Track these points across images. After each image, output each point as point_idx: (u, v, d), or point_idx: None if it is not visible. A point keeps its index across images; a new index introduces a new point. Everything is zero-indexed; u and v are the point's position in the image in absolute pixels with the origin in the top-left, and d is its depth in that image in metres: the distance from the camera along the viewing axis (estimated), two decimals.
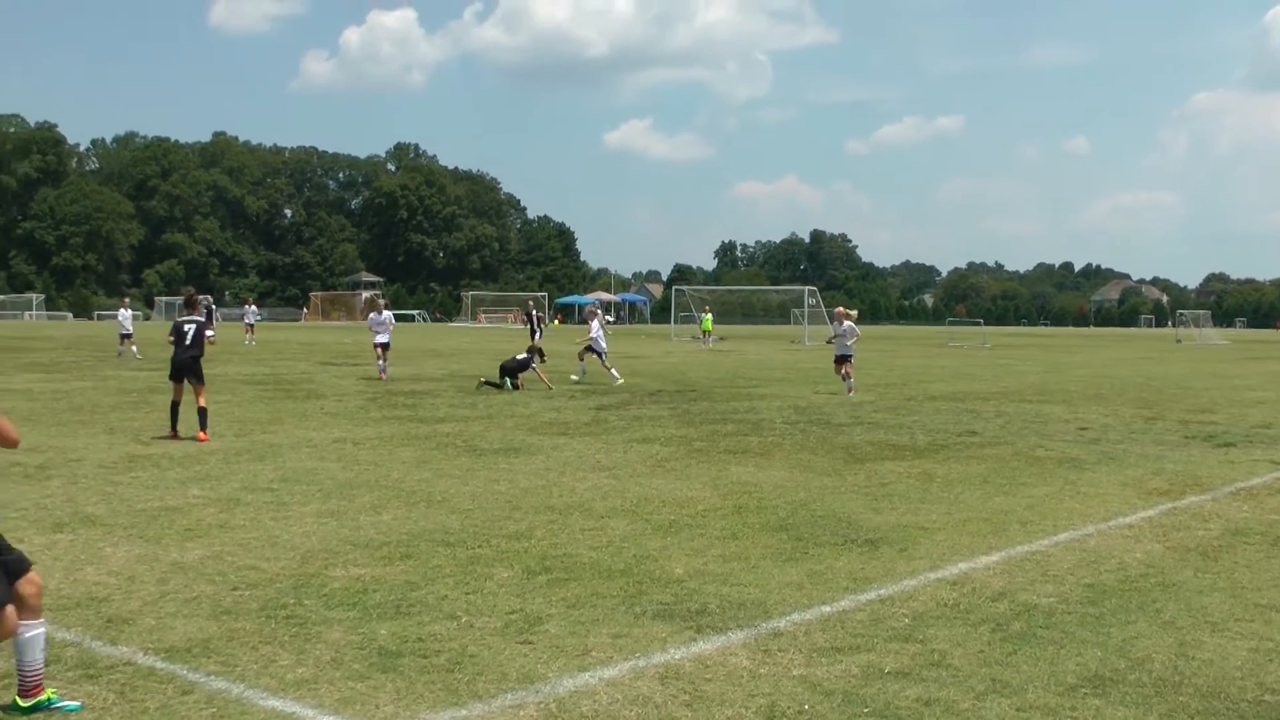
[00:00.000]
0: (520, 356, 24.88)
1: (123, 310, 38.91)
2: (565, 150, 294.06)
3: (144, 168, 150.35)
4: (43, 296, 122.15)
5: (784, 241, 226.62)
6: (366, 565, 8.13)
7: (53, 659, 5.99)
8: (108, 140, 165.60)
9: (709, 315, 62.96)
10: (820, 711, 5.44)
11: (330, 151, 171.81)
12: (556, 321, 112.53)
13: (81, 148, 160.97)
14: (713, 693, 5.67)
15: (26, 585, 5.34)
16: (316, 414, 18.67)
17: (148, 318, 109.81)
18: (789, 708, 5.48)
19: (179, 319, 16.18)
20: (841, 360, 24.15)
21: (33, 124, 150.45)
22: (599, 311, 31.66)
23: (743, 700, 5.57)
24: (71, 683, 5.67)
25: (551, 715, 5.37)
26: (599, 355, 27.88)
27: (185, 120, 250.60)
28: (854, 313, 24.91)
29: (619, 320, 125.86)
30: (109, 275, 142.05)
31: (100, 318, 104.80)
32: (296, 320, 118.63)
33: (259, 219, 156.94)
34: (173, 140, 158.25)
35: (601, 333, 28.34)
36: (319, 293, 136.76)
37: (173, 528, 9.34)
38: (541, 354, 25.84)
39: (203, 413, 15.49)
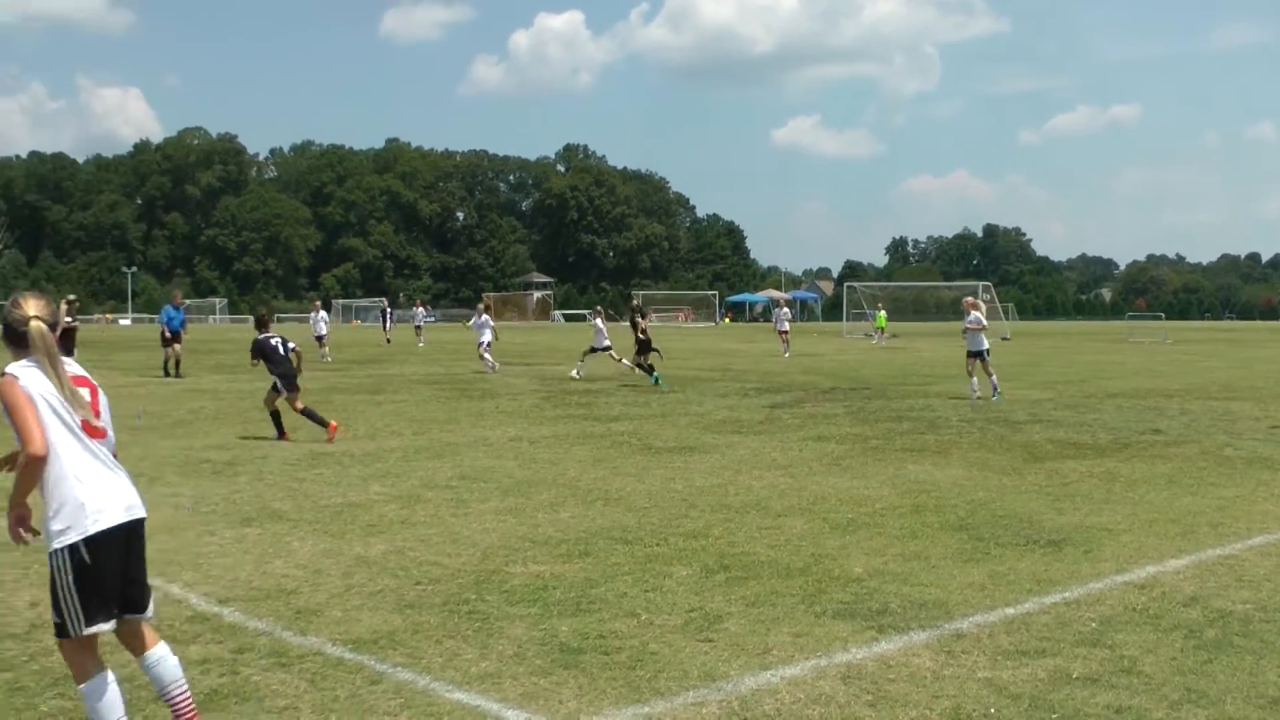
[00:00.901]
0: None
1: (317, 313, 40.26)
2: (733, 148, 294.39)
3: (320, 175, 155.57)
4: (225, 300, 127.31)
5: (956, 236, 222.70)
6: (546, 562, 8.23)
7: (245, 647, 6.24)
8: (285, 149, 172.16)
9: (882, 312, 62.20)
10: (1007, 715, 5.31)
11: (500, 154, 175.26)
12: (727, 319, 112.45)
13: (260, 157, 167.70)
14: (896, 693, 5.59)
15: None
16: (492, 413, 19.00)
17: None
18: (974, 710, 5.36)
19: (262, 337, 16.58)
20: (974, 356, 21.99)
21: (214, 135, 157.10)
22: (601, 310, 31.98)
23: (927, 702, 5.47)
24: (265, 670, 5.88)
25: (734, 713, 5.35)
26: (601, 351, 28.40)
27: (359, 127, 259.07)
28: (982, 304, 23.23)
29: (793, 318, 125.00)
30: (288, 279, 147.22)
31: (280, 320, 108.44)
32: (470, 321, 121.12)
33: (432, 222, 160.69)
34: (347, 147, 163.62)
35: (604, 330, 28.79)
36: (491, 294, 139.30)
37: (356, 523, 9.61)
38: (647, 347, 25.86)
39: (306, 412, 16.10)
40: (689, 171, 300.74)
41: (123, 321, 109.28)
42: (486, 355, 30.86)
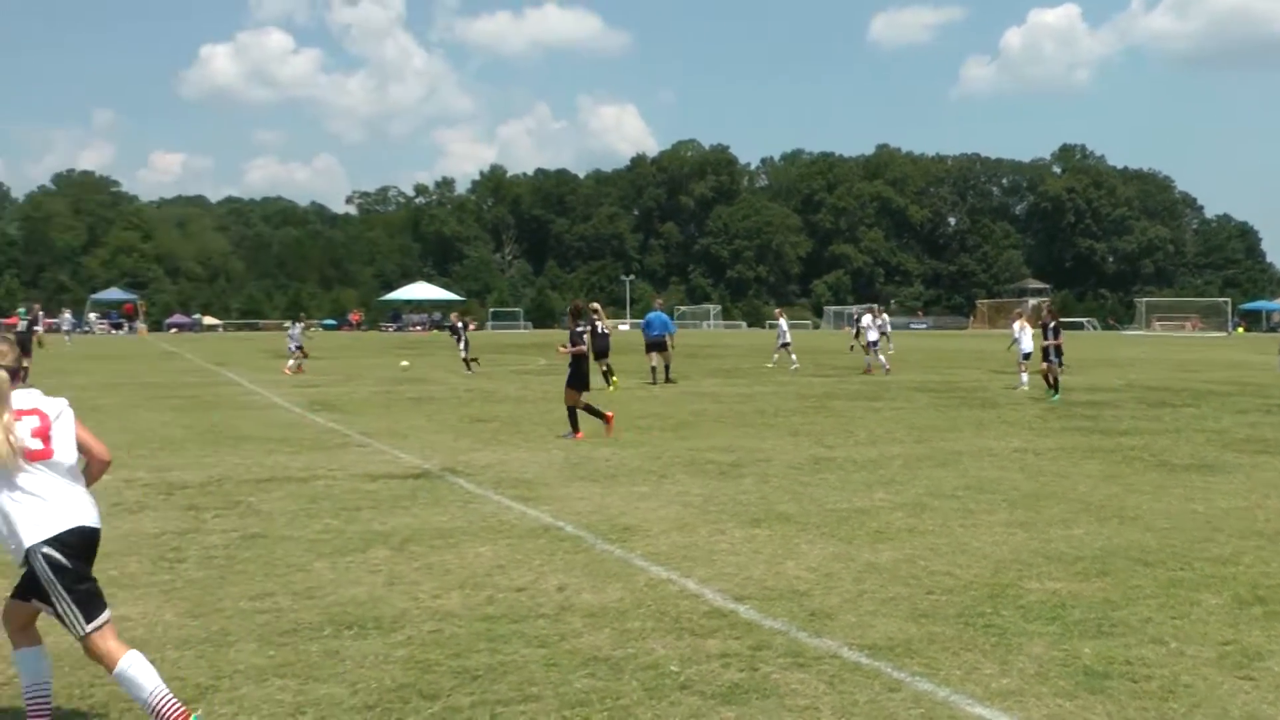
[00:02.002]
0: None
1: (780, 321, 41.14)
2: (1247, 142, 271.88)
3: (810, 182, 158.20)
4: (719, 307, 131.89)
5: None
6: (1061, 579, 7.94)
7: (763, 645, 6.40)
8: (775, 158, 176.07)
9: None
10: None
11: (993, 157, 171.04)
12: (1240, 329, 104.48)
13: (752, 166, 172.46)
14: None
15: None
16: (994, 422, 18.58)
17: (817, 327, 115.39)
18: None
19: (576, 329, 17.11)
20: None
21: (707, 147, 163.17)
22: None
23: None
24: (783, 669, 6.01)
25: None
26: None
27: (849, 135, 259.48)
28: None
29: None
30: (779, 286, 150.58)
31: (770, 327, 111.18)
32: (963, 328, 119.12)
33: (922, 228, 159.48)
34: (837, 155, 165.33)
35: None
36: (984, 300, 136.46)
37: (863, 529, 9.66)
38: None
39: (589, 408, 16.69)
40: (1196, 169, 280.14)
41: (622, 327, 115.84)
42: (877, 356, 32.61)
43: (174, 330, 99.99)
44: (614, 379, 26.10)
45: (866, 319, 35.40)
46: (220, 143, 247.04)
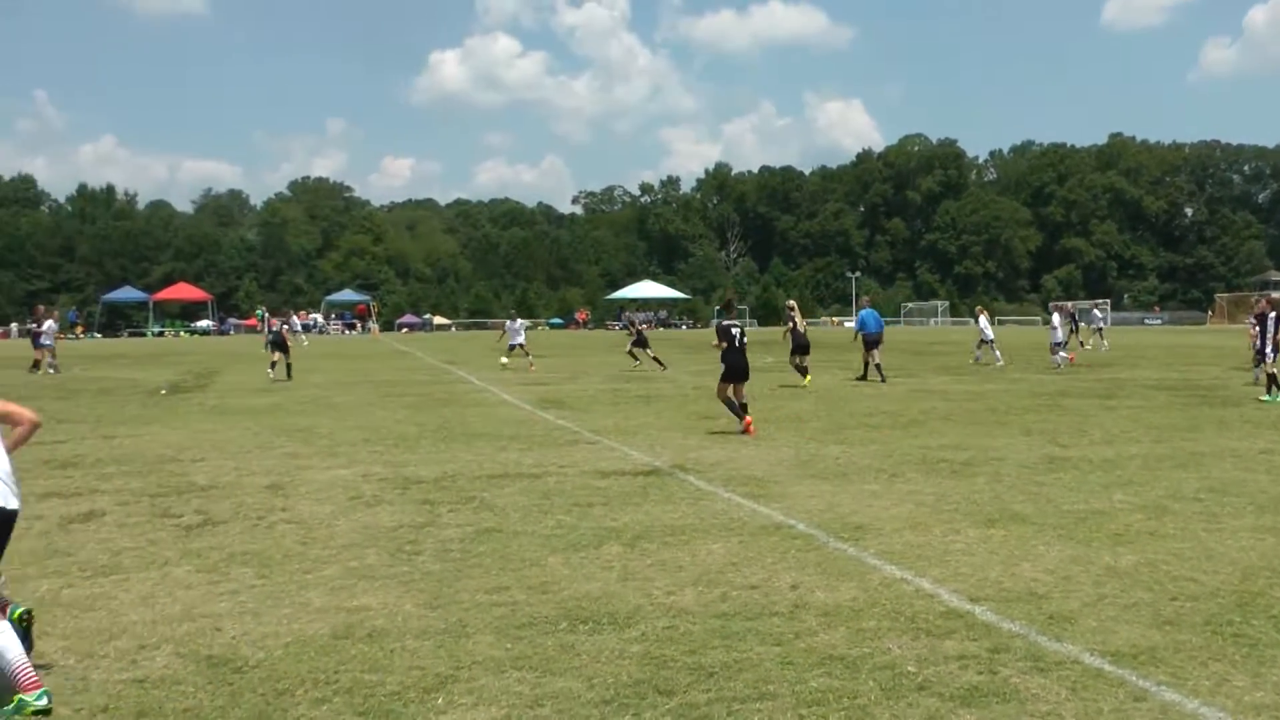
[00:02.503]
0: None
1: (980, 319, 40.39)
2: None
3: (1040, 174, 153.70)
4: (946, 304, 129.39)
5: None
6: None
7: (1001, 647, 6.27)
8: (1004, 151, 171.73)
9: None
10: None
11: (1234, 144, 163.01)
12: None
13: (980, 159, 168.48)
14: None
15: None
16: (1237, 422, 17.72)
17: (1046, 322, 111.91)
18: None
19: (724, 323, 17.22)
20: None
21: (934, 141, 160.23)
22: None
23: None
24: (1023, 673, 5.87)
25: None
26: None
27: (1080, 124, 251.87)
28: None
29: None
30: (1008, 282, 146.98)
31: (1001, 323, 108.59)
32: (1200, 324, 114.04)
33: (1157, 219, 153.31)
34: (1068, 145, 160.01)
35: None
36: (1223, 294, 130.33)
37: (1101, 531, 9.35)
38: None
39: (744, 405, 16.79)
40: None
41: (847, 324, 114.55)
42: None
43: (405, 330, 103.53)
44: (808, 377, 26.06)
45: (1056, 317, 34.78)
46: (449, 147, 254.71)
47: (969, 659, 6.10)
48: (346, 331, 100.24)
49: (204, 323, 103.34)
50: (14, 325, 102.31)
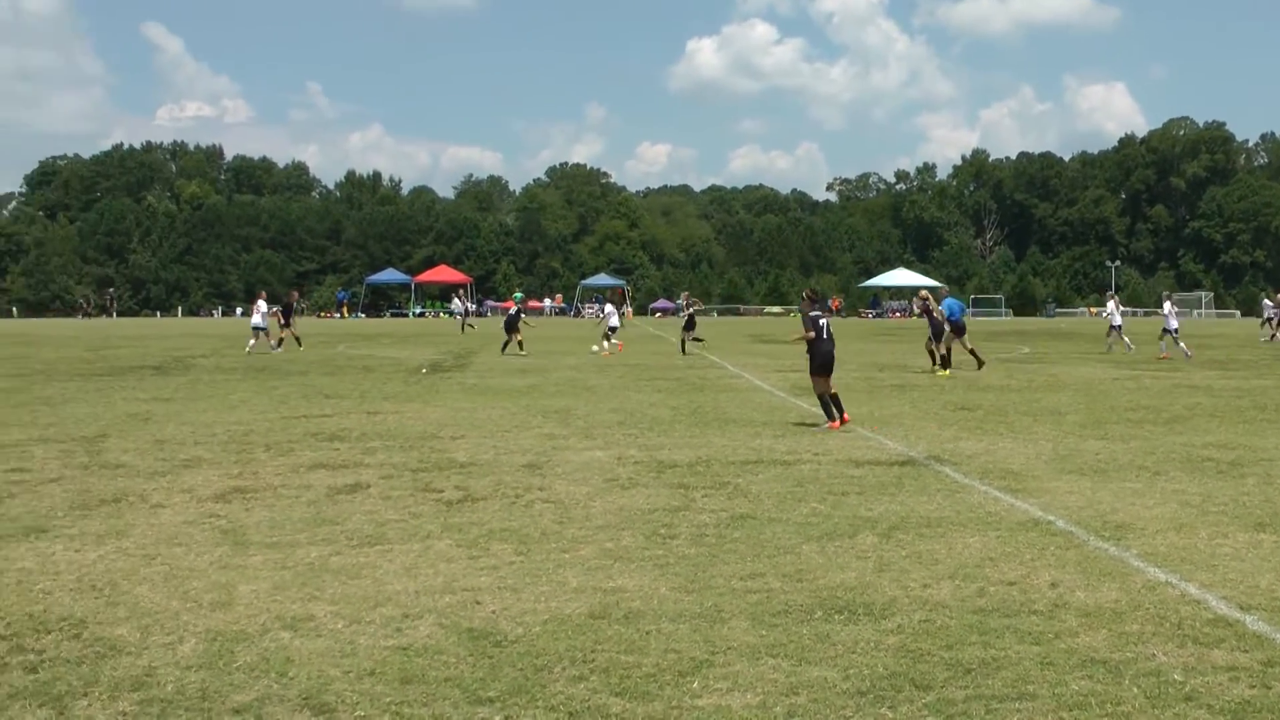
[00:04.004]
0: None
1: (1109, 304, 39.63)
2: None
3: None
4: (1210, 294, 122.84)
5: None
6: None
7: (1274, 660, 5.94)
8: (1277, 134, 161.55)
9: None
10: None
11: None
12: None
13: (1250, 143, 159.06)
14: None
15: None
16: None
17: None
18: None
19: (812, 314, 16.56)
20: None
21: (1201, 125, 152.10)
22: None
23: None
24: None
25: None
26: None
27: None
28: None
29: None
30: (1278, 271, 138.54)
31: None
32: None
33: None
34: None
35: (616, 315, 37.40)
36: None
37: None
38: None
39: (836, 398, 16.13)
40: None
41: (1104, 315, 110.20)
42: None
43: (658, 315, 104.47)
44: (943, 370, 26.07)
45: (1168, 305, 34.51)
46: (705, 133, 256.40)
47: (1240, 671, 5.78)
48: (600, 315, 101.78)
49: (455, 304, 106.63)
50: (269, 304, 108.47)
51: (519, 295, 43.19)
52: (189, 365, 29.94)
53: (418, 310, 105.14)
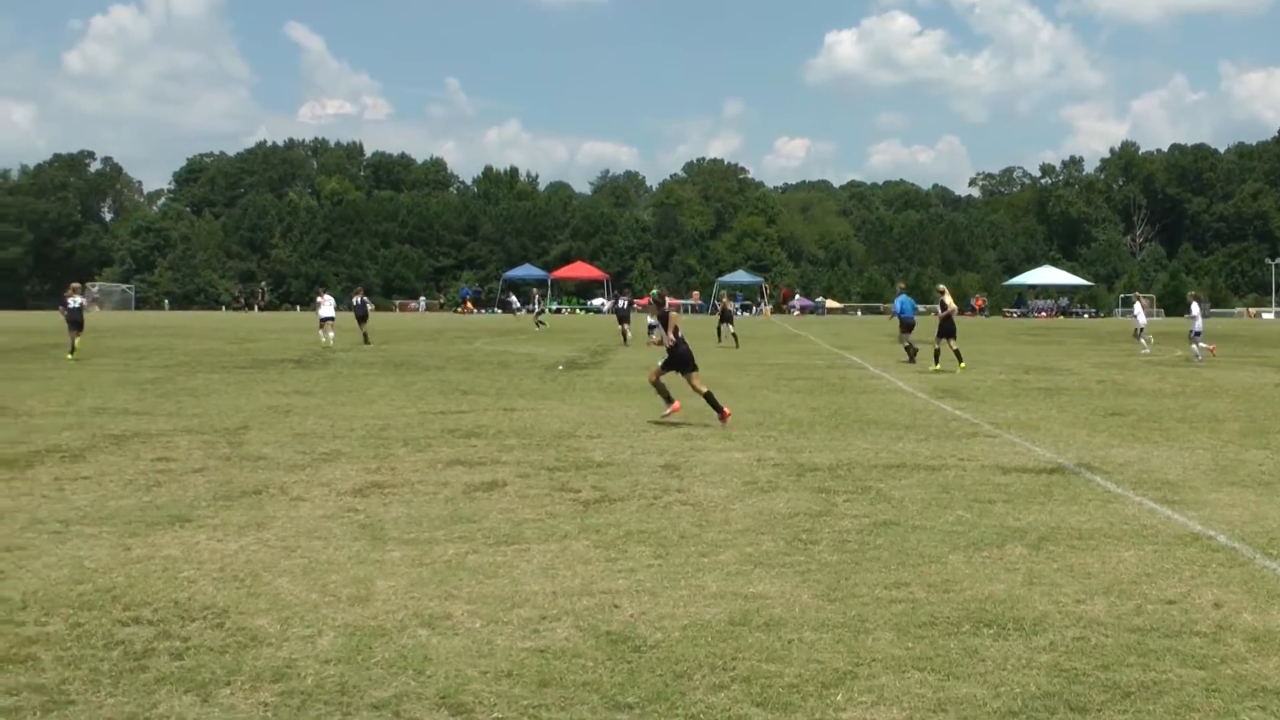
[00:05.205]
0: None
1: (1136, 306, 39.90)
2: None
3: None
4: None
5: None
6: None
7: None
8: None
9: None
10: None
11: None
12: None
13: None
14: None
15: None
16: None
17: None
18: None
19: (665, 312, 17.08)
20: None
21: None
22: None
23: None
24: None
25: None
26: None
27: None
28: None
29: None
30: None
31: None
32: None
33: None
34: None
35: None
36: None
37: None
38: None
39: (709, 396, 16.63)
40: None
41: (1265, 315, 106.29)
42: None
43: (796, 313, 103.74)
44: (961, 364, 27.25)
45: (1195, 306, 33.01)
46: (843, 127, 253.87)
47: None
48: (740, 313, 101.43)
49: (597, 300, 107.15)
50: (422, 299, 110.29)
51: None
52: (328, 359, 30.63)
53: (554, 306, 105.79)
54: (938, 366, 27.18)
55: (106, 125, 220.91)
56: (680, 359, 16.55)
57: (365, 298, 42.86)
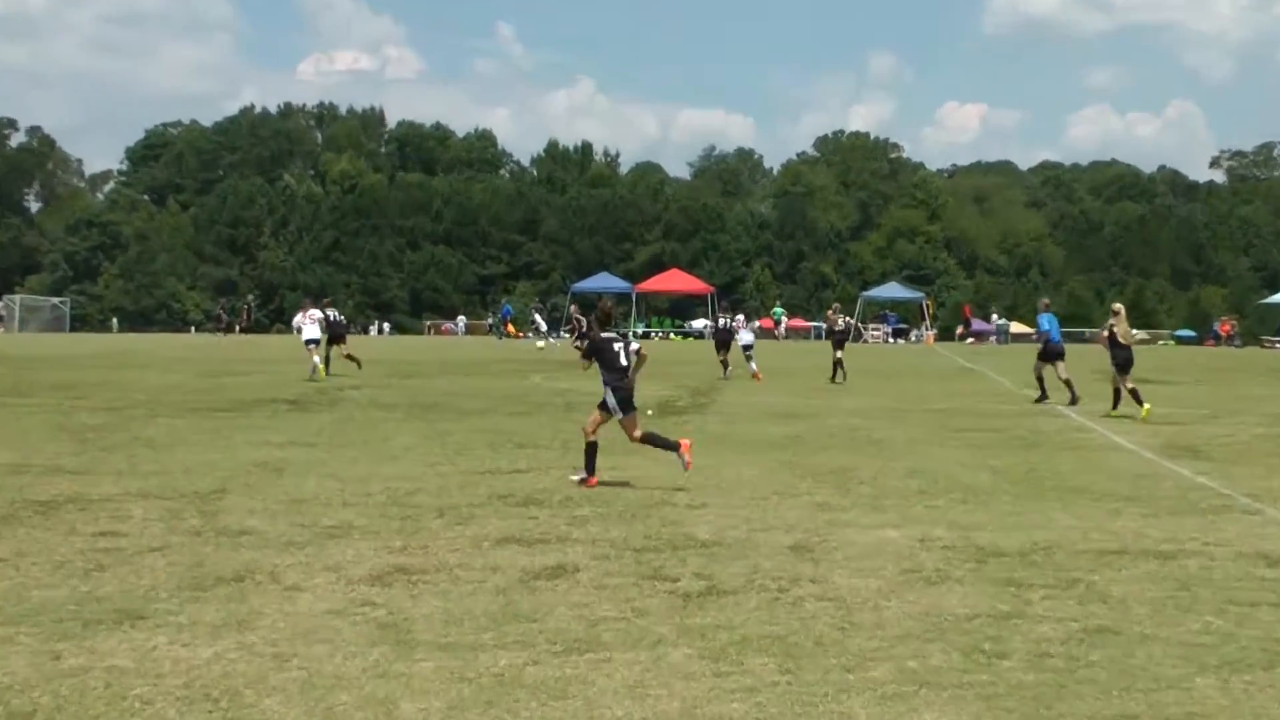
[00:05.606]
0: None
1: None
2: None
3: None
4: None
5: None
6: None
7: None
8: None
9: None
10: None
11: None
12: None
13: None
14: None
15: None
16: None
17: None
18: None
19: (605, 336, 17.25)
20: None
21: None
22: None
23: None
24: None
25: None
26: None
27: None
28: None
29: None
30: None
31: None
32: None
33: None
34: None
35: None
36: None
37: None
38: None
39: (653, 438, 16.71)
40: None
41: None
42: None
43: (970, 340, 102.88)
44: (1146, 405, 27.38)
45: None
46: (1033, 90, 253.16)
47: None
48: (892, 340, 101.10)
49: (700, 322, 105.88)
50: (461, 319, 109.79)
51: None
52: (336, 398, 30.93)
53: (640, 329, 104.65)
54: (1115, 411, 27.82)
55: (33, 84, 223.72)
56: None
57: (336, 311, 42.60)
